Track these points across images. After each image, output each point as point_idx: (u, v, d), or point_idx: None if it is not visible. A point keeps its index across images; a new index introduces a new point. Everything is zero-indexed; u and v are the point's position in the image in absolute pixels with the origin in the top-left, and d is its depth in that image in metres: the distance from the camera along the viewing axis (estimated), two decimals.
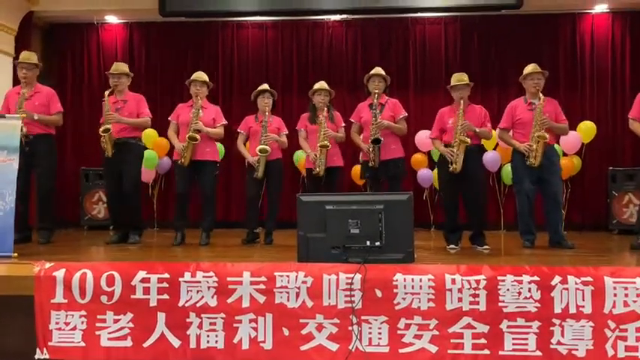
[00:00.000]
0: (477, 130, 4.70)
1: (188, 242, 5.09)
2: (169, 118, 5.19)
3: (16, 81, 6.48)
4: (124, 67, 5.18)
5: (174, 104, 5.48)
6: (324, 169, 5.04)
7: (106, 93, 5.01)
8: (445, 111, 4.90)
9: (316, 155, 5.04)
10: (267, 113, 5.17)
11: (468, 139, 4.60)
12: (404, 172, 5.17)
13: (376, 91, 4.92)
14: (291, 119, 6.28)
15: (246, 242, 5.21)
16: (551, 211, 4.81)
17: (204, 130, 5.00)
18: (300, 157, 6.74)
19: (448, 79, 6.96)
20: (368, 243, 3.09)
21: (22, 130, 4.68)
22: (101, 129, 4.92)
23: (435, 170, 6.67)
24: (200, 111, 5.00)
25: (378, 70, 5.05)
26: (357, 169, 6.84)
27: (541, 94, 4.79)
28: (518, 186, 4.88)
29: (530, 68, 4.90)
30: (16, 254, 3.84)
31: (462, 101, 4.69)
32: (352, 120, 5.18)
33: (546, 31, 6.92)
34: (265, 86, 5.32)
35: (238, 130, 5.38)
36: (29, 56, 5.08)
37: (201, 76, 5.13)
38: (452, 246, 4.74)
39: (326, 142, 5.01)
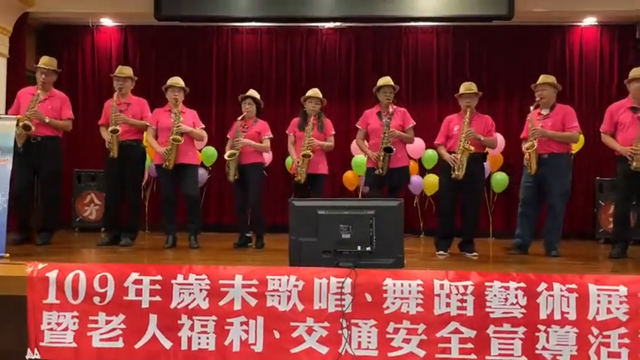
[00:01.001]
0: (482, 138, 4.76)
1: (179, 245, 5.10)
2: (147, 123, 5.17)
3: (9, 81, 6.50)
4: (128, 70, 5.25)
5: None
6: (306, 177, 5.08)
7: (115, 95, 5.08)
8: (452, 118, 4.96)
9: (299, 163, 5.10)
10: (239, 119, 5.25)
11: (472, 147, 4.65)
12: (408, 181, 5.26)
13: (388, 101, 4.95)
14: (283, 124, 6.31)
15: (238, 246, 5.24)
16: (547, 218, 4.90)
17: (187, 130, 5.05)
18: (289, 161, 6.78)
19: (440, 88, 7.14)
20: (359, 248, 3.14)
21: (30, 129, 4.73)
22: (110, 129, 4.97)
23: (426, 177, 6.77)
24: (180, 116, 5.03)
25: (388, 80, 5.05)
26: (348, 175, 6.90)
27: (531, 106, 4.89)
28: (520, 192, 5.02)
29: (539, 79, 4.96)
30: (8, 254, 3.84)
31: (468, 110, 4.75)
32: (358, 126, 5.22)
33: (536, 42, 7.02)
34: (249, 92, 5.36)
35: (228, 136, 5.43)
36: (50, 62, 5.10)
37: (178, 81, 5.16)
38: (441, 252, 4.79)
39: (308, 151, 5.04)
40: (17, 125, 4.42)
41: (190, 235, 5.13)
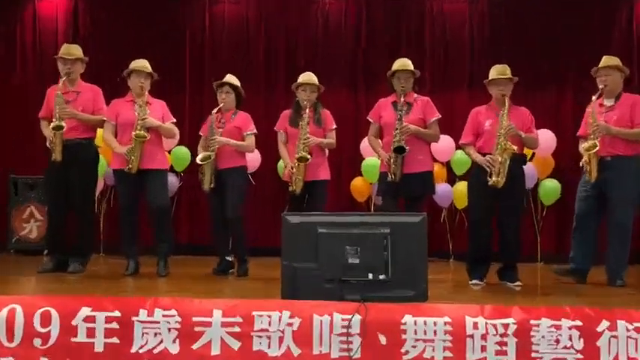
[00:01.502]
0: (524, 135, 4.77)
1: (143, 272, 5.12)
2: (104, 118, 5.18)
3: None
4: (77, 50, 5.27)
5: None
6: (303, 185, 5.05)
7: (61, 82, 5.08)
8: (480, 111, 4.96)
9: (293, 168, 5.08)
10: (213, 112, 5.27)
11: (515, 147, 4.66)
12: (431, 191, 5.21)
13: (403, 90, 4.93)
14: (274, 118, 6.36)
15: (217, 272, 5.26)
16: (609, 238, 4.90)
17: (155, 125, 5.07)
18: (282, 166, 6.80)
19: (473, 72, 7.15)
20: (370, 276, 3.15)
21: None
22: (52, 125, 4.98)
23: (456, 185, 6.78)
24: (146, 107, 5.05)
25: (405, 63, 5.02)
26: (357, 183, 6.91)
27: (594, 96, 4.89)
28: (576, 204, 5.07)
29: (601, 62, 4.96)
30: None
31: (506, 99, 4.75)
32: (370, 119, 5.22)
33: (598, 15, 7.02)
34: (226, 78, 5.36)
35: (200, 133, 5.44)
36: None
37: (145, 66, 5.17)
38: (475, 281, 4.80)
39: (305, 153, 5.01)
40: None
41: (159, 259, 5.14)
